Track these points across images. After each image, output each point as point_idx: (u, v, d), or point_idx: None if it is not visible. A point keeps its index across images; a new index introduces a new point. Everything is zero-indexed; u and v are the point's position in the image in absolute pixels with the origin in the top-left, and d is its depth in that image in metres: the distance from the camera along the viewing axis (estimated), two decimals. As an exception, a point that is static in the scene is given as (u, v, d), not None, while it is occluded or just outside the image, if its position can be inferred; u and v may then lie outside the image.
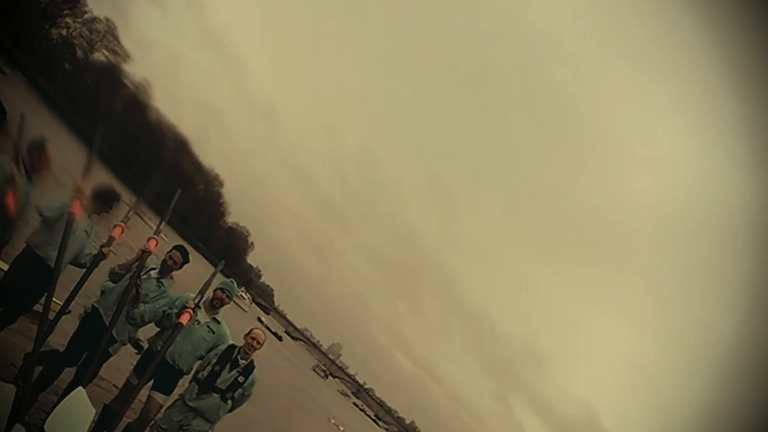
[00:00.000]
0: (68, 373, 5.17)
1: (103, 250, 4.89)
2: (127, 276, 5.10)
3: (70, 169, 5.11)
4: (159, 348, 4.86)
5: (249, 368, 5.28)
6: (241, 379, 5.20)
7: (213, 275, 5.13)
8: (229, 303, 5.50)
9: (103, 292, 5.24)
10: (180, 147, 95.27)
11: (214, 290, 5.37)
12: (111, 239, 4.90)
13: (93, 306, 5.16)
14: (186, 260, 5.48)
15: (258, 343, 5.31)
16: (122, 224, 4.95)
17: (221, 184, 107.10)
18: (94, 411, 3.76)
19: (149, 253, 5.05)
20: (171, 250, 5.43)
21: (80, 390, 3.79)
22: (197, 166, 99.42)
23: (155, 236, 5.13)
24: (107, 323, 4.78)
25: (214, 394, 5.12)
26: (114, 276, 5.19)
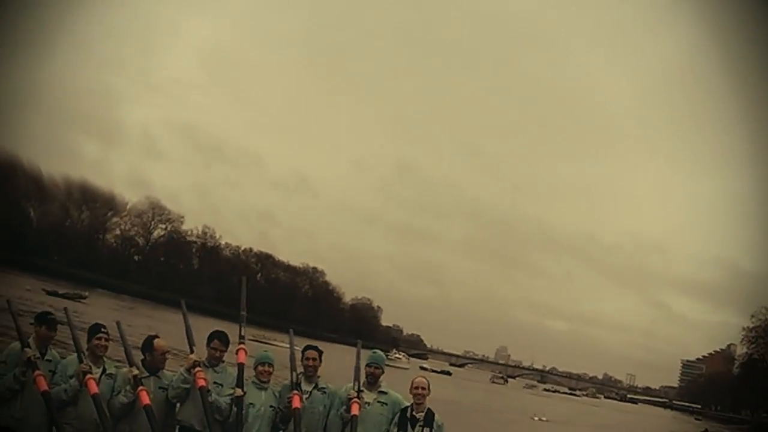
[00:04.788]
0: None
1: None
2: None
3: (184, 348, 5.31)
4: None
5: (429, 417, 5.28)
6: (426, 430, 5.21)
7: (357, 357, 5.38)
8: (382, 373, 5.57)
9: None
10: (264, 261, 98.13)
11: (365, 368, 5.45)
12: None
13: None
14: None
15: (422, 389, 5.32)
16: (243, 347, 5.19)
17: (323, 274, 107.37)
18: None
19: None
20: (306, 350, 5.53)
21: None
22: (291, 270, 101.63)
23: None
24: None
25: None
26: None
